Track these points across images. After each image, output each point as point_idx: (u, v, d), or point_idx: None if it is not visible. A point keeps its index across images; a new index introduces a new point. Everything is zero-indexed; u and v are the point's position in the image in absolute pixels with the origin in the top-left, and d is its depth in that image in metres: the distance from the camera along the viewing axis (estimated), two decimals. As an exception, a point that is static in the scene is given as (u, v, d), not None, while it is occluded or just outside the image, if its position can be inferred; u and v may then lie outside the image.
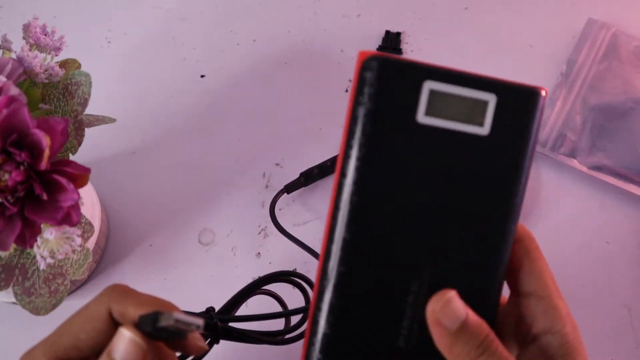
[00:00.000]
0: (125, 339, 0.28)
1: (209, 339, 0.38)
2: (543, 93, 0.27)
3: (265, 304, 0.44)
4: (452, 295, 0.27)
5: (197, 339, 0.31)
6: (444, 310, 0.26)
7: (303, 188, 0.54)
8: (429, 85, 0.26)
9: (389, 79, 0.26)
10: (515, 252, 0.30)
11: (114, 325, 0.29)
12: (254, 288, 0.40)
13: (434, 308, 0.27)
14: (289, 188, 0.53)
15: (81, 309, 0.30)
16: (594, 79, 0.58)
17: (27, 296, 0.41)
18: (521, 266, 0.30)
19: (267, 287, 0.41)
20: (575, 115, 0.57)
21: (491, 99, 0.27)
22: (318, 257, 0.31)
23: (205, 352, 0.34)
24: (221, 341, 0.38)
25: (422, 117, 0.26)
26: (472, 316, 0.27)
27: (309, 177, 0.54)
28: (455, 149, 0.26)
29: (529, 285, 0.30)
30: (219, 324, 0.37)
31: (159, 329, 0.27)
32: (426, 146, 0.26)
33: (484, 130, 0.26)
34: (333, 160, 0.54)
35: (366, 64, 0.26)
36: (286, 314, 0.41)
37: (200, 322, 0.27)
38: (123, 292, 0.30)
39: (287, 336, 0.40)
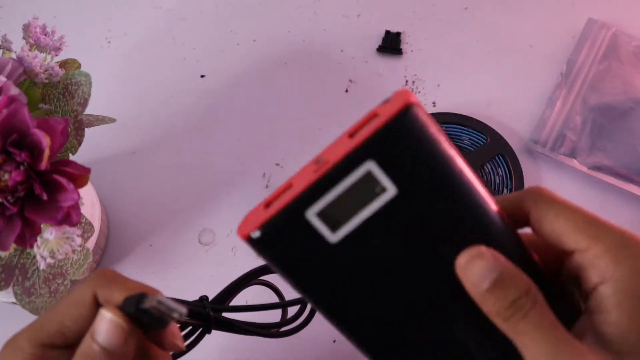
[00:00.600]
0: (106, 319, 0.27)
1: (201, 329, 0.36)
2: (411, 102, 0.24)
3: (267, 295, 0.44)
4: (481, 250, 0.24)
5: (175, 336, 0.30)
6: (469, 266, 0.24)
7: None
8: (312, 212, 0.24)
9: (280, 240, 0.24)
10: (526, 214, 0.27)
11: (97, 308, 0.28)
12: (250, 278, 0.39)
13: (459, 262, 0.25)
14: None
15: (67, 295, 0.29)
16: (594, 79, 0.58)
17: (27, 296, 0.41)
18: (540, 222, 0.27)
19: (264, 277, 0.40)
20: (575, 115, 0.57)
21: (370, 165, 0.24)
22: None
23: (182, 353, 0.34)
24: (221, 333, 0.37)
25: (333, 237, 0.25)
26: (508, 268, 0.25)
27: None
28: (388, 222, 0.25)
29: (554, 234, 0.27)
30: (212, 313, 0.36)
31: (142, 311, 0.26)
32: (361, 249, 0.25)
33: (392, 190, 0.24)
34: None
35: (251, 242, 0.24)
36: (282, 305, 0.39)
37: (183, 310, 0.26)
38: (109, 276, 0.29)
39: (283, 329, 0.39)
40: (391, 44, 0.61)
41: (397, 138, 0.24)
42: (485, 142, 0.54)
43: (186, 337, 0.36)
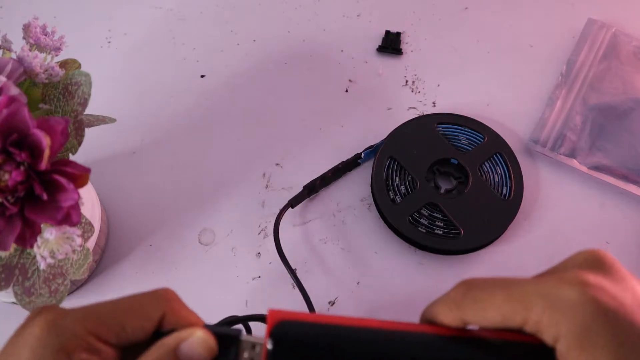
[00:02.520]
0: (200, 340, 0.27)
1: None
2: (278, 320, 0.28)
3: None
4: None
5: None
6: None
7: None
8: None
9: None
10: None
11: (156, 329, 0.29)
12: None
13: None
14: (294, 202, 0.53)
15: (134, 302, 0.29)
16: (594, 79, 0.58)
17: (27, 296, 0.41)
18: (479, 322, 0.28)
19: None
20: (575, 115, 0.57)
21: None
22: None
23: None
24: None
25: None
26: None
27: (312, 190, 0.54)
28: None
29: (498, 325, 0.28)
30: None
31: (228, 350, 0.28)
32: None
33: None
34: (334, 170, 0.54)
35: None
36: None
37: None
38: (178, 304, 0.29)
39: None
40: (391, 44, 0.61)
41: (286, 356, 0.27)
42: (482, 141, 0.54)
43: None
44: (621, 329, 0.25)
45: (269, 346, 0.27)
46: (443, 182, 0.53)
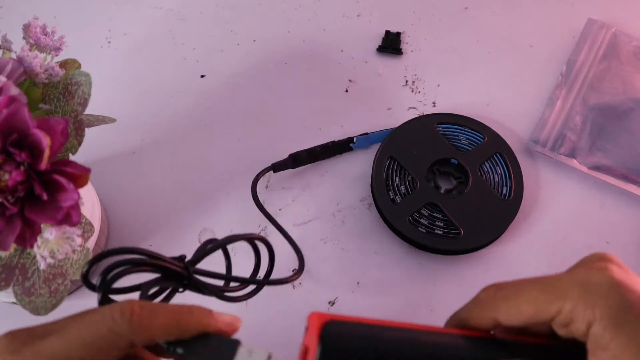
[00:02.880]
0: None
1: (171, 288, 0.37)
2: (324, 321, 0.28)
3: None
4: None
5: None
6: None
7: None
8: None
9: None
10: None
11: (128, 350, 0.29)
12: (219, 245, 0.40)
13: None
14: (276, 167, 0.54)
15: (93, 332, 0.28)
16: (594, 79, 0.58)
17: (27, 296, 0.41)
18: (511, 321, 0.30)
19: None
20: (575, 115, 0.57)
21: None
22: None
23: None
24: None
25: None
26: None
27: (297, 160, 0.54)
28: None
29: (530, 321, 0.29)
30: (190, 273, 0.37)
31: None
32: None
33: None
34: (323, 146, 0.55)
35: None
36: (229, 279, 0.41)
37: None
38: (144, 319, 0.29)
39: (227, 294, 0.40)
40: (391, 44, 0.61)
41: (335, 355, 0.28)
42: (482, 141, 0.54)
43: (156, 295, 0.36)
44: None
45: (319, 348, 0.28)
46: (443, 182, 0.53)
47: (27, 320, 0.48)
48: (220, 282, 0.40)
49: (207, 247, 0.39)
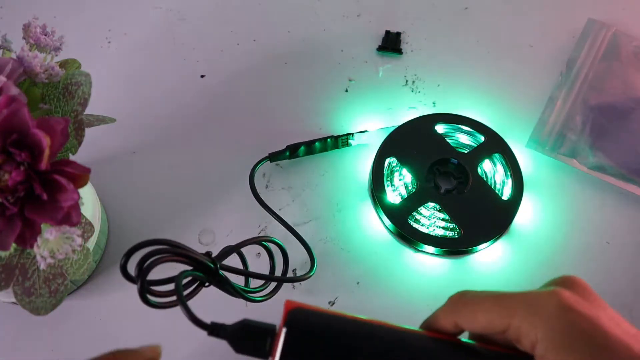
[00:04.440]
0: None
1: (198, 282, 0.39)
2: (292, 311, 0.31)
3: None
4: None
5: None
6: None
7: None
8: None
9: None
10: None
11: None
12: (238, 247, 0.43)
13: None
14: (273, 156, 0.54)
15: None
16: (594, 79, 0.58)
17: (27, 296, 0.41)
18: (468, 326, 0.31)
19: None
20: (575, 115, 0.57)
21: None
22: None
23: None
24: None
25: None
26: None
27: (294, 151, 0.54)
28: None
29: (484, 329, 0.31)
30: (217, 268, 0.39)
31: None
32: None
33: None
34: (321, 140, 0.55)
35: None
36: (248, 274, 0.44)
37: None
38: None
39: (248, 295, 0.43)
40: (391, 44, 0.61)
41: (297, 340, 0.30)
42: (481, 141, 0.54)
43: (187, 286, 0.38)
44: (596, 336, 0.28)
45: (284, 331, 0.30)
46: (443, 182, 0.53)
47: (27, 320, 0.48)
48: (241, 281, 0.43)
49: (227, 248, 0.41)
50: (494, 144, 0.54)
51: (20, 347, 0.49)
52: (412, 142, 0.54)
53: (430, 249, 0.51)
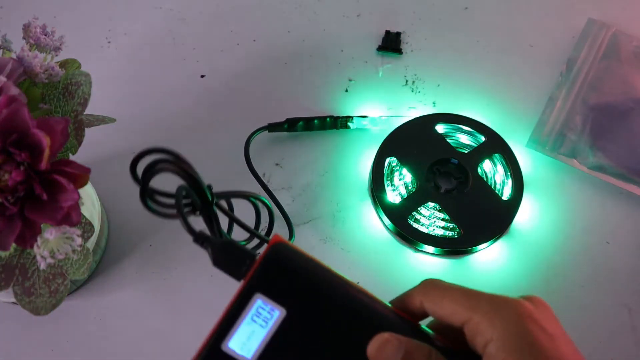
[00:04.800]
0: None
1: (192, 207, 0.40)
2: (276, 241, 0.32)
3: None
4: (385, 337, 0.30)
5: None
6: (380, 352, 0.30)
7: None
8: (225, 345, 0.31)
9: None
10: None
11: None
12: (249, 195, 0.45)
13: (370, 352, 0.30)
14: (272, 126, 0.55)
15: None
16: (594, 78, 0.58)
17: (27, 296, 0.41)
18: (432, 308, 0.32)
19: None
20: (575, 115, 0.57)
21: (258, 296, 0.31)
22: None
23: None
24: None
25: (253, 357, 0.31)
26: (410, 344, 0.30)
27: (292, 125, 0.55)
28: (289, 337, 0.31)
29: (445, 315, 0.32)
30: (214, 200, 0.40)
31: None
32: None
33: (282, 311, 0.31)
34: (321, 118, 0.56)
35: None
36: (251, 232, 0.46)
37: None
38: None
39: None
40: (391, 44, 0.61)
41: (272, 270, 0.31)
42: (482, 141, 0.54)
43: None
44: (546, 349, 0.29)
45: (263, 259, 0.32)
46: (443, 182, 0.53)
47: (27, 320, 0.48)
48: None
49: (227, 191, 0.42)
50: (495, 144, 0.54)
51: (20, 347, 0.49)
52: (412, 142, 0.54)
53: (430, 248, 0.51)
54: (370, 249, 0.52)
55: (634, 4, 0.64)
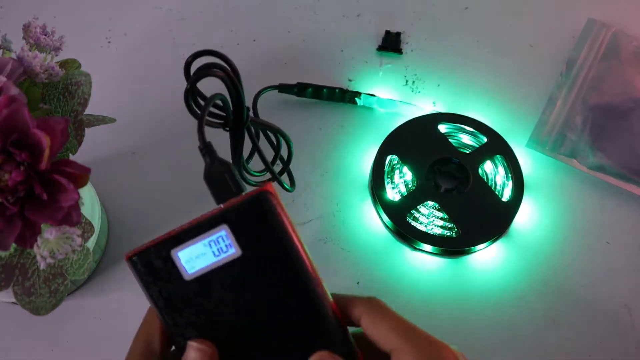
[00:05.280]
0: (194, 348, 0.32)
1: (224, 121, 0.42)
2: (265, 197, 0.32)
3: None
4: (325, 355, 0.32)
5: None
6: None
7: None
8: (175, 252, 0.33)
9: (148, 267, 0.33)
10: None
11: None
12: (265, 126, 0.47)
13: None
14: (282, 87, 0.57)
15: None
16: (594, 78, 0.58)
17: (27, 296, 0.41)
18: (369, 325, 0.33)
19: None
20: (575, 115, 0.57)
21: (224, 228, 0.32)
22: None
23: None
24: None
25: (187, 275, 0.33)
26: None
27: (302, 89, 0.57)
28: (230, 276, 0.32)
29: (379, 336, 0.32)
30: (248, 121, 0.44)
31: None
32: (206, 289, 0.33)
33: (238, 252, 0.32)
34: (330, 88, 0.57)
35: (129, 262, 0.33)
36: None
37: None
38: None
39: (244, 170, 0.48)
40: (391, 44, 0.61)
41: (249, 214, 0.32)
42: (484, 142, 0.54)
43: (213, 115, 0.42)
44: None
45: (242, 201, 0.32)
46: (443, 181, 0.53)
47: (27, 320, 0.48)
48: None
49: (261, 120, 0.46)
50: (497, 146, 0.54)
51: (20, 347, 0.49)
52: (412, 141, 0.54)
53: (427, 247, 0.51)
54: (370, 248, 0.52)
55: (634, 3, 0.64)
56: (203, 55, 0.39)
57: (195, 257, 0.33)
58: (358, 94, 0.57)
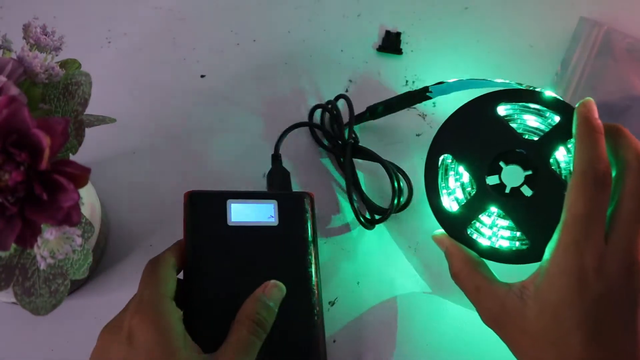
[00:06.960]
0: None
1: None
2: (307, 198, 0.48)
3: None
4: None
5: None
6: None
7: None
8: (230, 202, 0.46)
9: (202, 204, 0.46)
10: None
11: None
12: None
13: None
14: (356, 118, 0.56)
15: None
16: (590, 77, 0.58)
17: (27, 296, 0.41)
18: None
19: None
20: (575, 115, 0.57)
21: (274, 203, 0.47)
22: None
23: None
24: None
25: (230, 222, 0.46)
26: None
27: (374, 112, 0.56)
28: (260, 236, 0.46)
29: None
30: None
31: None
32: (239, 237, 0.45)
33: (275, 222, 0.46)
34: (399, 98, 0.55)
35: (187, 196, 0.46)
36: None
37: None
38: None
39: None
40: (391, 44, 0.61)
41: (292, 202, 0.48)
42: (556, 123, 0.47)
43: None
44: None
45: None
46: (508, 179, 0.44)
47: (27, 320, 0.48)
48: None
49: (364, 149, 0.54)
50: (571, 126, 0.42)
51: (20, 347, 0.49)
52: (469, 131, 0.45)
53: (491, 264, 0.44)
54: (370, 248, 0.52)
55: (625, 1, 0.64)
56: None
57: (243, 212, 0.46)
58: (426, 89, 0.52)
